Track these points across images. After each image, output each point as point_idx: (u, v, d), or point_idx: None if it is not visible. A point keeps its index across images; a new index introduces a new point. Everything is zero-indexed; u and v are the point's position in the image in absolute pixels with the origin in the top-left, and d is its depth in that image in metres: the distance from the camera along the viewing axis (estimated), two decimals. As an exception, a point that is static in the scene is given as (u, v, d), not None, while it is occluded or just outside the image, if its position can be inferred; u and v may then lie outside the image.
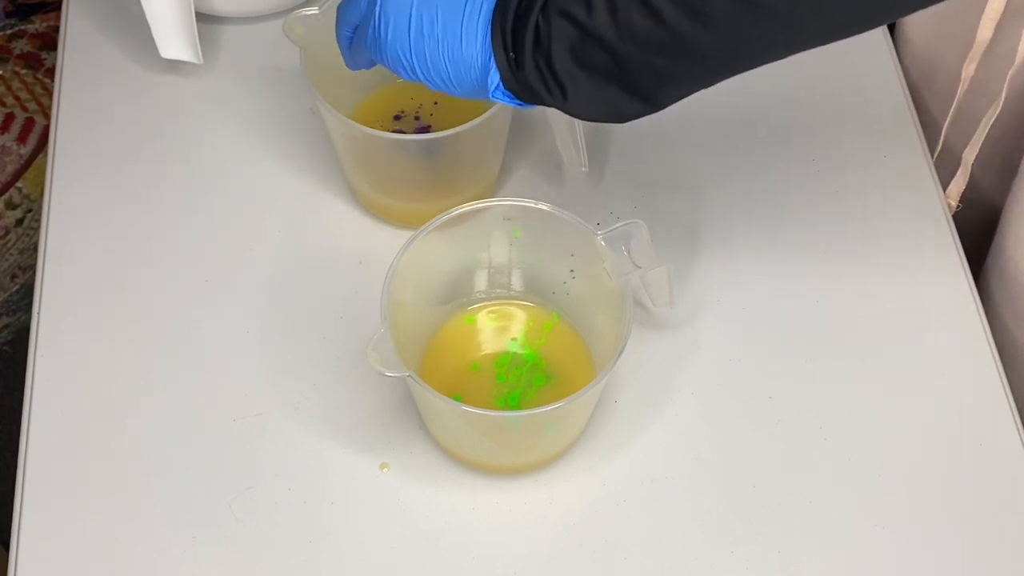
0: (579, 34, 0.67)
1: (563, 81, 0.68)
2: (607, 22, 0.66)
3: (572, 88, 0.69)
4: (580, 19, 0.66)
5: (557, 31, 0.67)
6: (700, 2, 0.63)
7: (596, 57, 0.67)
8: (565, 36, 0.67)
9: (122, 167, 0.95)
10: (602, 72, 0.68)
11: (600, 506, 0.80)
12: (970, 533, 0.80)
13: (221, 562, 0.78)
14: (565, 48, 0.67)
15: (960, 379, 0.86)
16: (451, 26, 0.70)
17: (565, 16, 0.67)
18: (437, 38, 0.71)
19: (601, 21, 0.66)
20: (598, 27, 0.66)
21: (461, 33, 0.70)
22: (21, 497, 0.80)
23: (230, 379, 0.85)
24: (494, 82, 0.70)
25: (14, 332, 1.60)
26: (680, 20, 0.64)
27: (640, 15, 0.65)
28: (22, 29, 1.76)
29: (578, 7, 0.66)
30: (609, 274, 0.79)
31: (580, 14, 0.66)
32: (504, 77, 0.70)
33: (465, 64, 0.71)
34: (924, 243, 0.92)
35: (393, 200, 0.90)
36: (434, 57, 0.71)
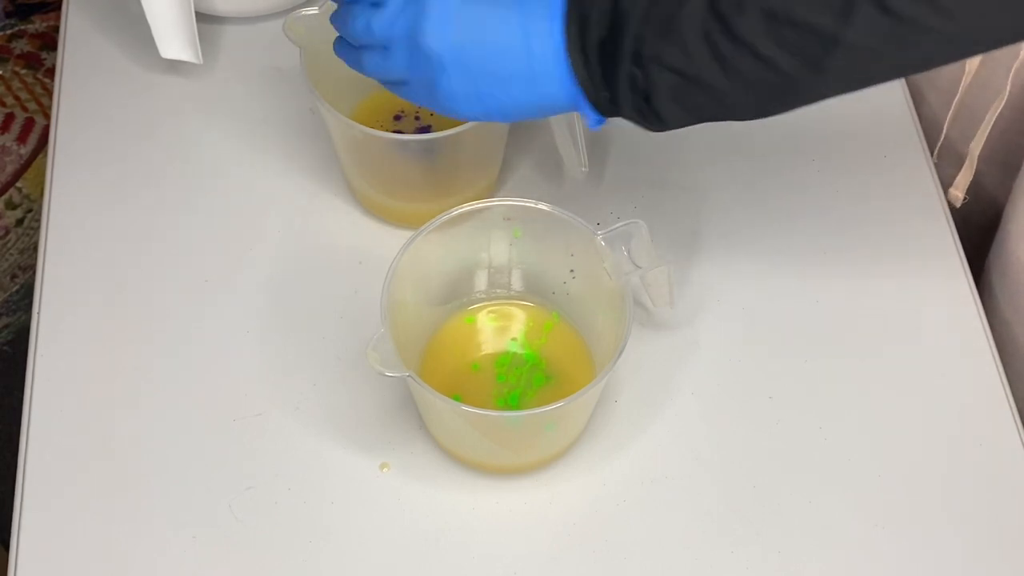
0: (681, 81, 0.67)
1: (664, 117, 0.69)
2: (713, 69, 0.66)
3: (673, 120, 0.70)
4: (680, 67, 0.66)
5: (657, 79, 0.67)
6: (821, 55, 0.64)
7: (700, 98, 0.68)
8: (665, 83, 0.67)
9: (122, 167, 0.95)
10: (704, 108, 0.69)
11: (600, 506, 0.80)
12: (970, 533, 0.80)
13: (221, 562, 0.78)
14: (667, 93, 0.68)
15: (960, 379, 0.86)
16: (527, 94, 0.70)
17: (663, 66, 0.67)
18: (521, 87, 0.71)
19: (705, 67, 0.66)
20: (702, 73, 0.66)
21: (541, 94, 0.70)
22: (21, 497, 0.80)
23: (230, 379, 0.85)
24: (584, 110, 0.71)
25: (14, 332, 1.60)
26: (797, 69, 0.65)
27: (751, 63, 0.65)
28: (22, 29, 1.76)
29: (675, 55, 0.66)
30: (609, 274, 0.79)
31: (680, 62, 0.66)
32: (598, 108, 0.71)
33: (552, 103, 0.71)
34: (924, 243, 0.92)
35: (393, 200, 0.90)
36: (518, 104, 0.72)
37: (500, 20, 0.70)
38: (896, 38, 0.63)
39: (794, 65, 0.65)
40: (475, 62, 0.70)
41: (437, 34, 0.70)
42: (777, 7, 0.63)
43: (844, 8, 0.62)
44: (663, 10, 0.66)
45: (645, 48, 0.66)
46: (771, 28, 0.64)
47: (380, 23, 0.72)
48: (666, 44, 0.66)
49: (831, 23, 0.63)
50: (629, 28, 0.67)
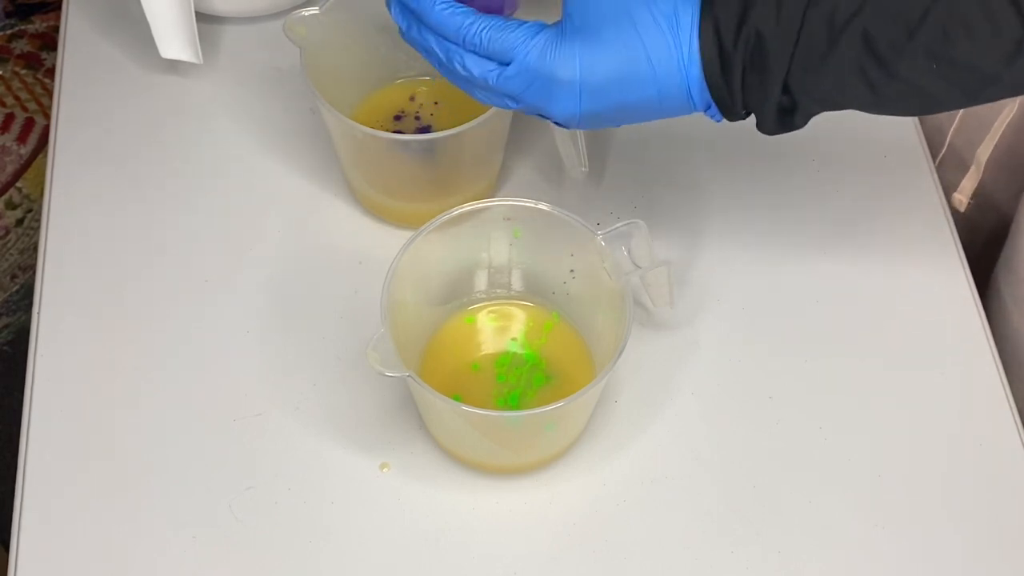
0: (830, 105, 0.70)
1: (801, 126, 0.72)
2: (867, 99, 0.69)
3: (805, 125, 0.72)
4: (832, 98, 0.69)
5: (805, 105, 0.70)
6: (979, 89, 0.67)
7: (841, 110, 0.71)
8: (813, 108, 0.70)
9: (122, 167, 0.95)
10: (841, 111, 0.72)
11: (600, 506, 0.80)
12: (970, 533, 0.80)
13: (221, 562, 0.78)
14: (812, 113, 0.71)
15: (960, 379, 0.86)
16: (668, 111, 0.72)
17: (813, 98, 0.69)
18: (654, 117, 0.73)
19: (858, 99, 0.69)
20: (853, 102, 0.70)
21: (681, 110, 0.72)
22: (21, 497, 0.80)
23: (230, 379, 0.85)
24: (716, 118, 0.73)
25: (14, 332, 1.60)
26: (951, 95, 0.68)
27: (908, 94, 0.68)
28: (22, 29, 1.76)
29: (829, 90, 0.69)
30: (609, 274, 0.79)
31: (833, 94, 0.69)
32: (729, 117, 0.72)
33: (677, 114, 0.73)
34: (924, 243, 0.92)
35: (393, 200, 0.90)
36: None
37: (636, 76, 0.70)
38: None
39: (949, 93, 0.68)
40: (607, 115, 0.72)
41: (570, 108, 0.71)
42: (939, 50, 0.65)
43: (1012, 55, 0.65)
44: (813, 48, 0.67)
45: (795, 82, 0.68)
46: (932, 67, 0.66)
47: (505, 84, 0.72)
48: (818, 79, 0.68)
49: (996, 66, 0.65)
50: (777, 66, 0.68)
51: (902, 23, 0.65)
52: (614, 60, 0.69)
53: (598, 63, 0.69)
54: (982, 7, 0.64)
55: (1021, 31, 0.64)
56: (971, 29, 0.64)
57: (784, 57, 0.67)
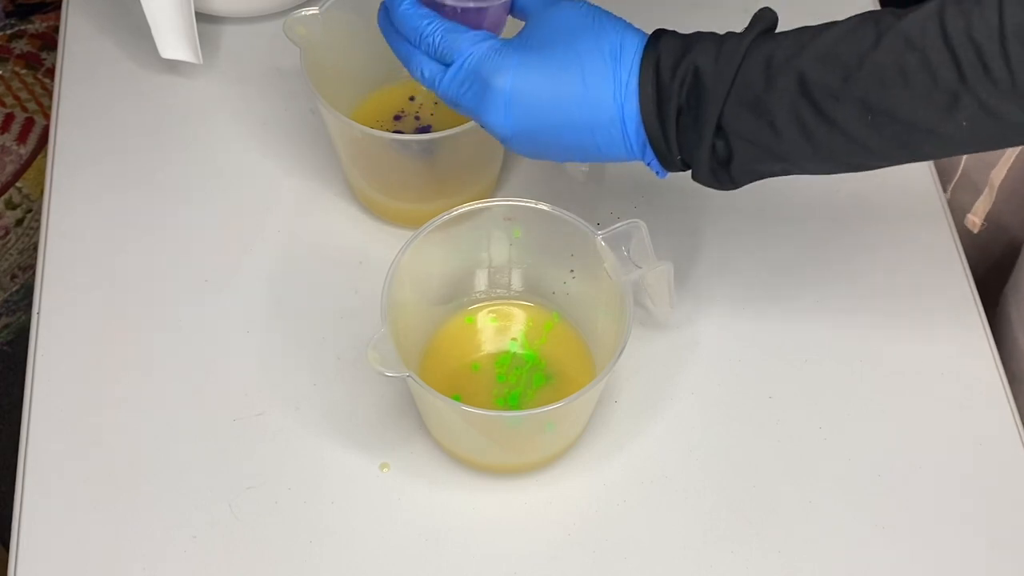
0: (764, 153, 0.68)
1: (737, 180, 0.70)
2: (802, 148, 0.67)
3: (743, 181, 0.71)
4: (766, 144, 0.67)
5: (739, 151, 0.68)
6: (915, 143, 0.65)
7: (778, 166, 0.69)
8: (749, 156, 0.68)
9: (122, 167, 0.95)
10: (778, 171, 0.70)
11: (600, 506, 0.80)
12: (970, 533, 0.80)
13: (221, 562, 0.78)
14: (748, 164, 0.69)
15: (960, 379, 0.86)
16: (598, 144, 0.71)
17: (747, 141, 0.67)
18: (585, 155, 0.72)
19: (792, 147, 0.67)
20: (787, 150, 0.67)
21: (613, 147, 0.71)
22: (21, 497, 0.80)
23: (230, 379, 0.85)
24: (655, 167, 0.72)
25: (14, 332, 1.60)
26: (887, 149, 0.66)
27: (842, 144, 0.66)
28: (22, 29, 1.76)
29: (763, 133, 0.67)
30: (609, 274, 0.79)
31: (767, 140, 0.67)
32: (666, 165, 0.72)
33: (619, 160, 0.72)
34: (924, 243, 0.92)
35: (393, 200, 0.90)
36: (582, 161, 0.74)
37: (569, 98, 0.70)
38: (993, 133, 0.64)
39: (886, 147, 0.66)
40: (540, 137, 0.71)
41: (499, 119, 0.71)
42: (875, 101, 0.64)
43: (949, 108, 0.63)
44: (748, 89, 0.66)
45: (729, 122, 0.67)
46: (868, 117, 0.64)
47: (444, 86, 0.72)
48: (752, 120, 0.67)
49: (933, 120, 0.64)
50: (713, 104, 0.67)
51: (839, 68, 0.64)
52: (548, 77, 0.70)
53: (531, 76, 0.70)
54: (920, 56, 0.62)
55: (958, 83, 0.62)
56: (907, 77, 0.63)
57: (720, 94, 0.66)
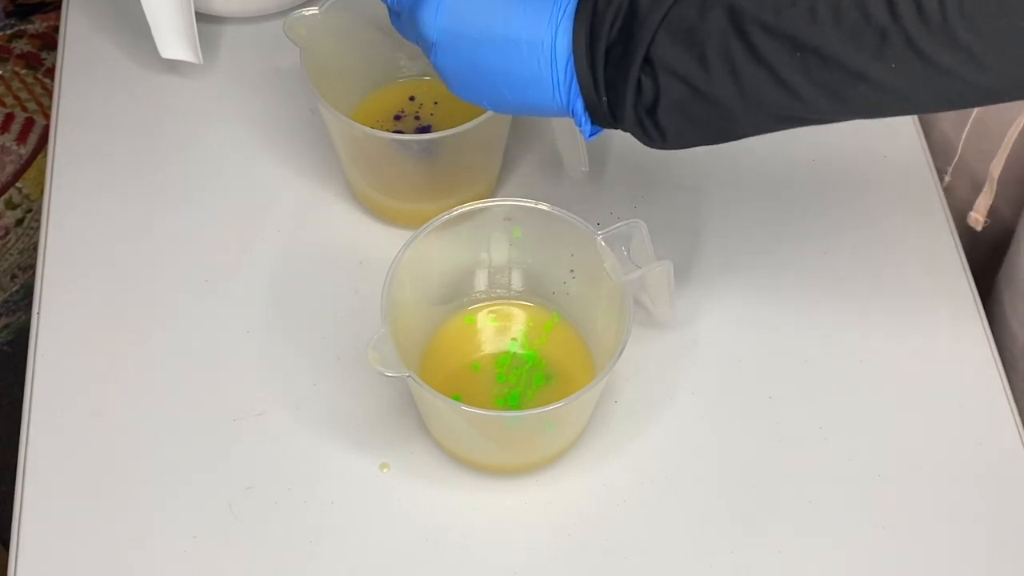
0: (692, 94, 0.65)
1: (666, 131, 0.67)
2: (730, 89, 0.64)
3: (675, 137, 0.68)
4: (695, 82, 0.65)
5: (666, 90, 0.65)
6: (844, 87, 0.63)
7: (708, 114, 0.66)
8: (675, 95, 0.65)
9: (122, 167, 0.95)
10: (710, 124, 0.67)
11: (600, 506, 0.80)
12: (970, 533, 0.80)
13: (221, 562, 0.78)
14: (674, 105, 0.66)
15: (960, 379, 0.86)
16: (525, 71, 0.68)
17: (676, 77, 0.65)
18: (511, 87, 0.69)
19: (721, 86, 0.64)
20: (717, 91, 0.65)
21: (540, 79, 0.68)
22: (21, 497, 0.80)
23: (230, 379, 0.85)
24: (580, 118, 0.69)
25: (14, 332, 1.60)
26: (816, 97, 0.64)
27: (770, 87, 0.64)
28: (22, 29, 1.76)
29: (692, 69, 0.64)
30: (609, 274, 0.79)
31: (695, 77, 0.64)
32: (594, 116, 0.69)
33: (545, 105, 0.69)
34: (924, 242, 0.92)
35: (393, 200, 0.90)
36: (508, 101, 0.70)
37: (499, 10, 0.68)
38: (926, 83, 0.62)
39: (814, 93, 0.63)
40: (465, 51, 0.69)
41: (431, 18, 0.69)
42: (805, 37, 0.62)
43: (878, 49, 0.61)
44: (683, 18, 0.64)
45: (658, 53, 0.65)
46: (796, 55, 0.62)
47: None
48: (682, 53, 0.64)
49: (862, 61, 0.61)
50: (645, 31, 0.64)
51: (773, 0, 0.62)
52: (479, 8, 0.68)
53: None
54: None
55: (888, 20, 0.60)
56: (839, 14, 0.61)
57: (653, 22, 0.64)
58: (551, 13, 0.67)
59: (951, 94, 0.63)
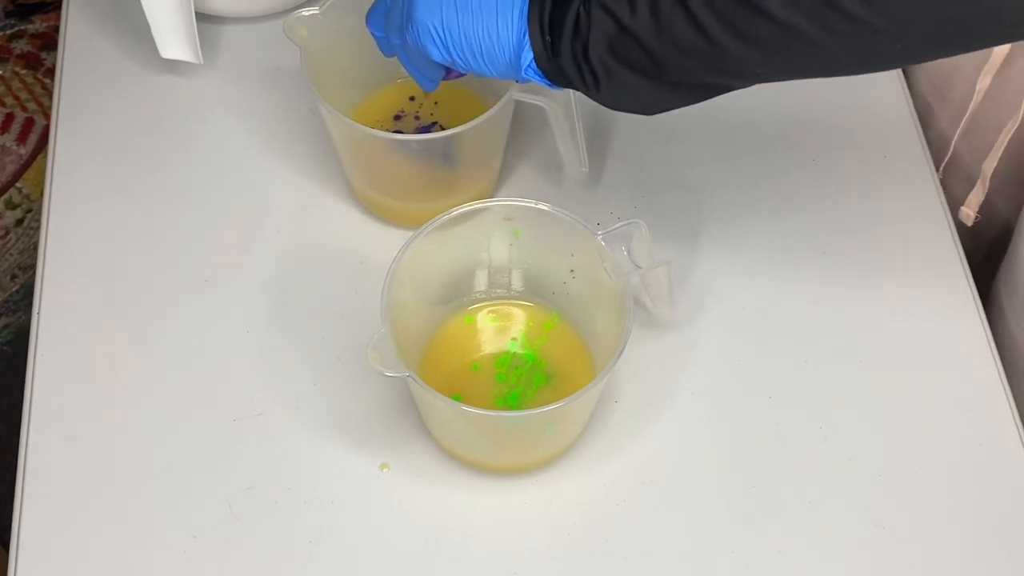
0: (618, 30, 0.67)
1: (597, 72, 0.69)
2: (648, 24, 0.66)
3: (606, 79, 0.69)
4: (621, 16, 0.67)
5: (597, 23, 0.68)
6: (746, 24, 0.64)
7: (633, 53, 0.68)
8: (604, 30, 0.68)
9: (122, 167, 0.95)
10: (637, 68, 0.68)
11: (600, 506, 0.80)
12: (970, 533, 0.80)
13: (221, 562, 0.78)
14: (603, 41, 0.68)
15: (960, 379, 0.86)
16: (486, 2, 0.71)
17: (606, 11, 0.67)
18: (471, 12, 0.71)
19: (642, 22, 0.66)
20: (638, 26, 0.67)
21: (496, 9, 0.71)
22: (21, 497, 0.80)
23: (230, 379, 0.85)
24: (527, 60, 0.71)
25: (14, 332, 1.60)
26: (723, 36, 0.65)
27: (683, 24, 0.65)
28: (22, 29, 1.76)
29: (620, 4, 0.67)
30: (609, 274, 0.79)
31: (622, 11, 0.67)
32: (538, 58, 0.71)
33: (499, 41, 0.71)
34: (924, 243, 0.92)
35: (393, 200, 0.90)
36: (467, 32, 0.72)
37: None
38: (825, 26, 0.62)
39: (722, 33, 0.64)
40: None
41: None
42: None
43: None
44: None
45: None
46: None
47: None
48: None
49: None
50: None
51: None
52: None
53: None
54: None
55: None
56: None
57: None
58: None
59: (853, 42, 0.63)
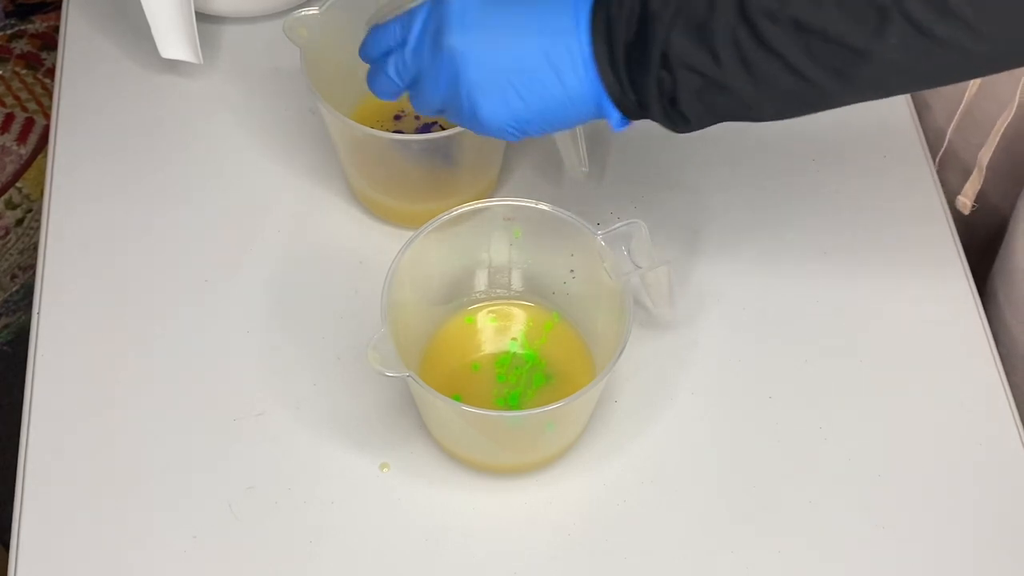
0: (707, 84, 0.68)
1: (690, 118, 0.70)
2: (742, 77, 0.67)
3: (696, 121, 0.70)
4: (708, 72, 0.67)
5: (683, 83, 0.68)
6: (850, 68, 0.65)
7: (724, 101, 0.69)
8: (692, 86, 0.68)
9: (122, 167, 0.95)
10: (728, 110, 0.69)
11: (600, 506, 0.80)
12: (970, 533, 0.80)
13: (221, 562, 0.78)
14: (693, 96, 0.68)
15: (960, 379, 0.86)
16: (552, 89, 0.71)
17: (691, 69, 0.67)
18: (543, 104, 0.71)
19: (733, 76, 0.67)
20: (729, 80, 0.67)
21: (567, 93, 0.71)
22: (21, 497, 0.80)
23: (230, 379, 0.85)
24: (613, 118, 0.71)
25: (14, 332, 1.60)
26: (824, 79, 0.66)
27: (779, 72, 0.66)
28: (22, 29, 1.76)
29: (703, 60, 0.67)
30: (609, 274, 0.79)
31: (707, 67, 0.67)
32: (622, 110, 0.71)
33: (576, 115, 0.72)
34: (924, 242, 0.92)
35: (393, 200, 0.90)
36: (544, 118, 0.72)
37: (523, 25, 0.70)
38: (927, 56, 0.64)
39: (821, 75, 0.65)
40: (498, 62, 0.71)
41: (459, 34, 0.70)
42: (808, 19, 0.64)
43: (879, 26, 0.63)
44: (693, 14, 0.66)
45: (674, 51, 0.67)
46: (801, 39, 0.64)
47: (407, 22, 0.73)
48: (695, 49, 0.67)
49: (864, 39, 0.63)
50: (658, 32, 0.67)
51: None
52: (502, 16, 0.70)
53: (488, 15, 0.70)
54: None
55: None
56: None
57: (665, 21, 0.67)
58: (571, 17, 0.69)
59: (951, 66, 0.65)
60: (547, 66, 0.70)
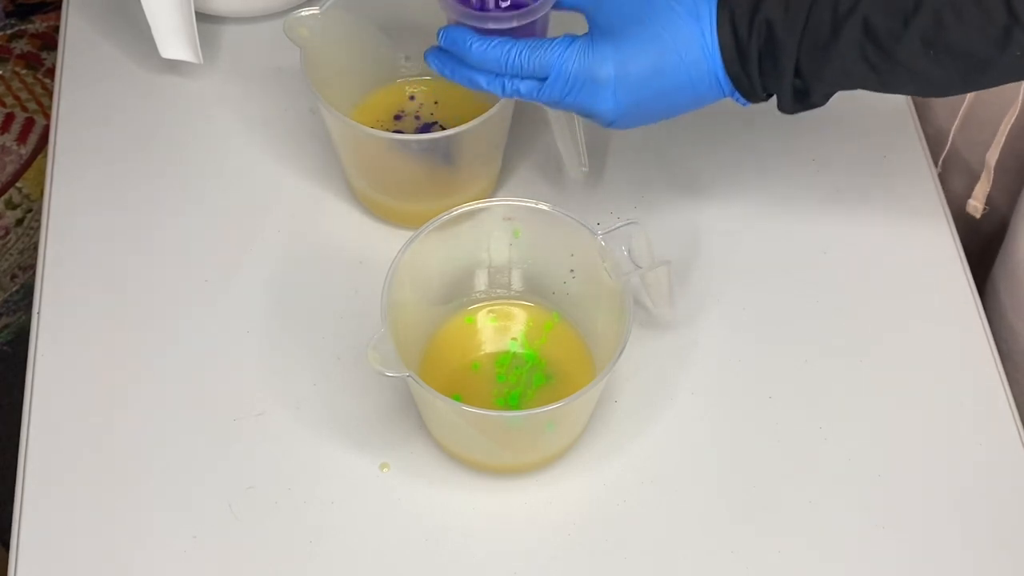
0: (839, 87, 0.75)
1: (821, 104, 0.77)
2: (871, 79, 0.74)
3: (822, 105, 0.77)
4: (840, 82, 0.75)
5: (816, 87, 0.75)
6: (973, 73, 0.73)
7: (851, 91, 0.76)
8: (824, 90, 0.75)
9: (122, 167, 0.95)
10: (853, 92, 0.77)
11: (600, 506, 0.80)
12: (970, 533, 0.80)
13: (221, 562, 0.78)
14: (824, 95, 0.76)
15: (960, 379, 0.86)
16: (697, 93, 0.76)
17: (823, 80, 0.74)
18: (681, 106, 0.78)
19: (862, 78, 0.74)
20: (859, 83, 0.75)
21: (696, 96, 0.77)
22: (21, 497, 0.80)
23: (230, 379, 0.85)
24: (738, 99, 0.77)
25: (14, 332, 1.60)
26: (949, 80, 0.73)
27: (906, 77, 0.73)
28: (22, 29, 1.76)
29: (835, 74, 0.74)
30: (609, 274, 0.79)
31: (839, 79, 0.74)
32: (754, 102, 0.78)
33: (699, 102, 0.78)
34: (924, 243, 0.92)
35: (393, 200, 0.90)
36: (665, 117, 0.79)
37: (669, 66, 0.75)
38: None
39: (946, 78, 0.73)
40: (645, 108, 0.76)
41: (609, 105, 0.76)
42: (935, 37, 0.70)
43: (1002, 39, 0.70)
44: (818, 37, 0.73)
45: (805, 68, 0.74)
46: (929, 53, 0.71)
47: (547, 95, 0.77)
48: (825, 64, 0.73)
49: (988, 51, 0.70)
50: (787, 54, 0.73)
51: (899, 11, 0.71)
52: (646, 54, 0.75)
53: (630, 59, 0.75)
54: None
55: (1007, 17, 0.69)
56: (961, 15, 0.70)
57: (792, 45, 0.73)
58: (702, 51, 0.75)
59: None
60: (691, 97, 0.76)
